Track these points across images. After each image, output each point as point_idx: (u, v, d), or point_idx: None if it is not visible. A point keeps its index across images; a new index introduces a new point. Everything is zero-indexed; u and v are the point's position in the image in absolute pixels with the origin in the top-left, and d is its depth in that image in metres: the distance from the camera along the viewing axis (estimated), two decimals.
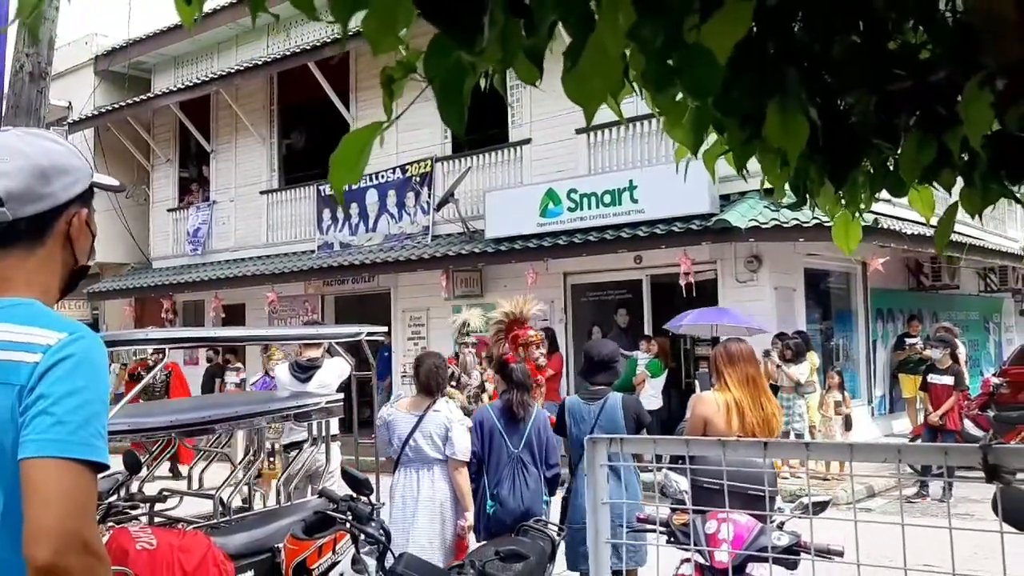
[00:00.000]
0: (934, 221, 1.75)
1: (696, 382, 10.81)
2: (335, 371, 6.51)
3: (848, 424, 10.54)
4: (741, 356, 4.27)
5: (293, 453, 6.13)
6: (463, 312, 9.04)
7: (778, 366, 9.74)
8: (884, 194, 1.59)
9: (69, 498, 1.27)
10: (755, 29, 0.96)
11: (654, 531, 3.33)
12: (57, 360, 1.33)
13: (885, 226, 9.77)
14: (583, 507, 4.42)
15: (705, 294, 11.09)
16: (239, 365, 13.75)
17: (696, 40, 0.85)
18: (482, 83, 0.98)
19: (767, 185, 1.53)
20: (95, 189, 1.58)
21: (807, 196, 1.44)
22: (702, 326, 10.14)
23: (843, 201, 1.57)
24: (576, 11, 0.83)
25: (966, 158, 1.31)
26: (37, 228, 1.44)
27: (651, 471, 3.67)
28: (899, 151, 1.32)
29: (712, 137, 1.37)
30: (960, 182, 1.39)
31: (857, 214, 1.66)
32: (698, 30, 0.84)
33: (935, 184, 1.45)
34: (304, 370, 6.47)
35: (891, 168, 1.42)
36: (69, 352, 1.34)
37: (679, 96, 1.10)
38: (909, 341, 12.45)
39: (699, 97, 0.94)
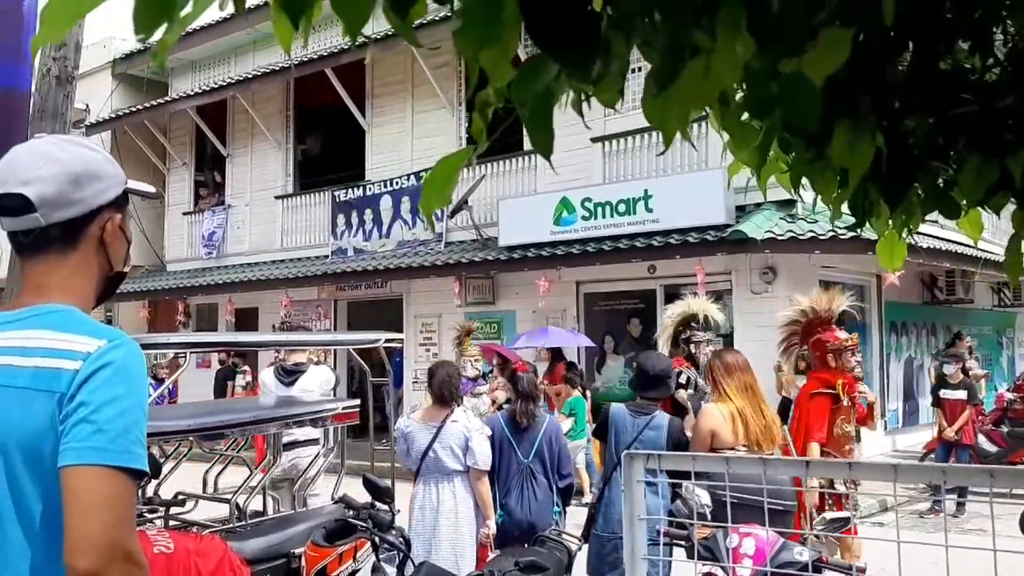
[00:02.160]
0: (982, 244, 1.74)
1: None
2: (318, 379, 6.65)
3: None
4: (737, 365, 4.34)
5: (284, 454, 6.16)
6: (686, 302, 7.30)
7: (792, 380, 9.68)
8: None
9: (111, 506, 1.27)
10: None
11: (677, 545, 3.32)
12: (97, 368, 1.33)
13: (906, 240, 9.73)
14: (615, 518, 4.43)
15: (719, 305, 11.05)
16: (246, 368, 13.81)
17: (796, 68, 0.86)
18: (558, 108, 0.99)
19: (819, 204, 1.53)
20: (130, 196, 1.59)
21: (864, 217, 1.44)
22: (535, 343, 10.79)
23: (890, 222, 1.57)
24: (669, 37, 0.84)
25: (1021, 181, 1.31)
26: (70, 233, 1.45)
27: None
28: (957, 173, 1.32)
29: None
30: (1008, 205, 1.39)
31: (905, 233, 1.66)
32: (798, 59, 0.85)
33: (985, 207, 1.45)
34: (289, 374, 6.58)
35: (943, 190, 1.43)
36: (109, 359, 1.34)
37: (744, 116, 1.11)
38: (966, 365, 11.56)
39: (801, 124, 0.94)
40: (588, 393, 10.23)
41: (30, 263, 1.46)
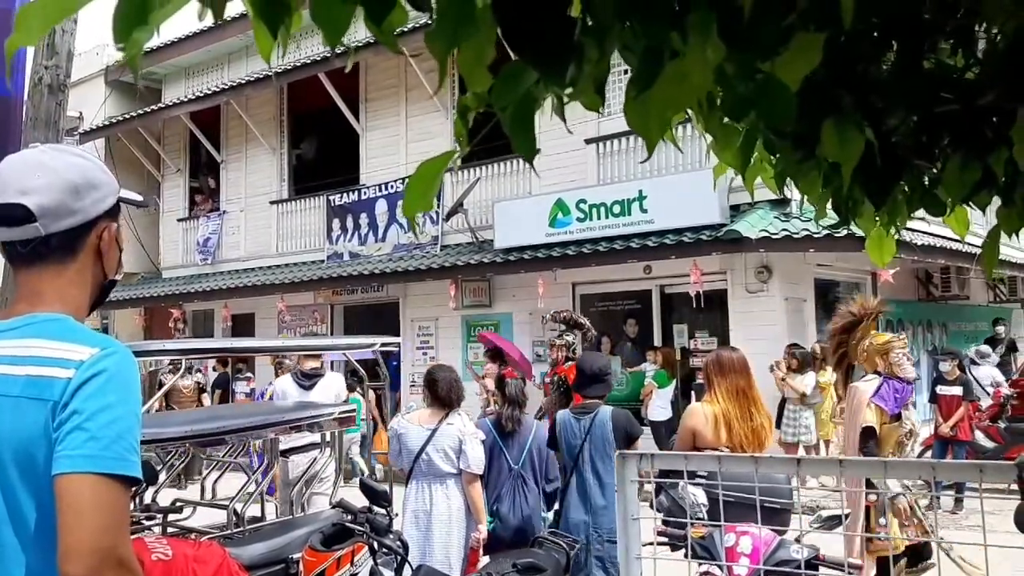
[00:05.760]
0: (965, 238, 1.76)
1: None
2: (336, 385, 6.72)
3: None
4: (732, 367, 4.32)
5: (292, 458, 6.18)
6: None
7: (783, 378, 9.69)
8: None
9: (104, 513, 1.27)
10: None
11: (673, 545, 3.33)
12: (90, 376, 1.34)
13: (895, 237, 9.76)
14: (571, 522, 4.45)
15: (715, 304, 11.09)
16: (250, 374, 13.82)
17: (770, 71, 0.87)
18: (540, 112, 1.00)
19: (807, 204, 1.54)
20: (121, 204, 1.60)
21: (848, 216, 1.46)
22: None
23: (878, 220, 1.59)
24: (645, 42, 0.85)
25: (1004, 179, 1.33)
26: (69, 243, 1.46)
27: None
28: (941, 172, 1.33)
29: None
30: (995, 201, 1.41)
31: (893, 230, 1.68)
32: (771, 62, 0.86)
33: (970, 204, 1.46)
34: (308, 378, 6.65)
35: (927, 188, 1.44)
36: (102, 367, 1.35)
37: (726, 119, 1.12)
38: None
39: (776, 126, 0.95)
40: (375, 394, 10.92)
41: (25, 272, 1.46)
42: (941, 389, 9.62)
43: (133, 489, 4.53)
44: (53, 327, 1.40)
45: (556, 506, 4.79)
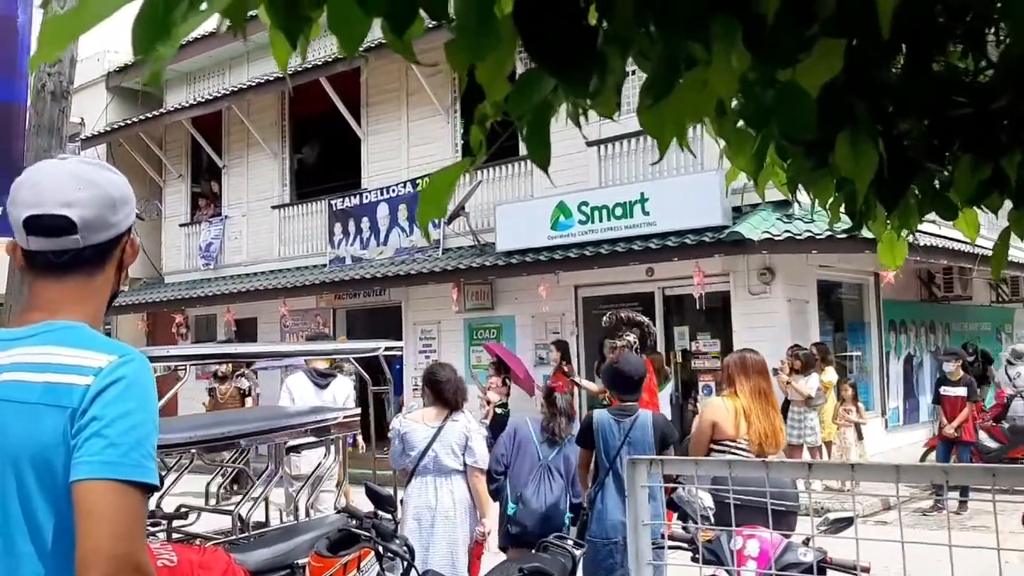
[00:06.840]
0: (977, 241, 1.75)
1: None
2: (346, 387, 6.74)
3: (860, 435, 10.52)
4: (755, 368, 4.38)
5: (304, 453, 6.17)
6: None
7: (787, 382, 9.66)
8: None
9: (122, 520, 1.28)
10: None
11: (681, 548, 3.33)
12: (109, 383, 1.35)
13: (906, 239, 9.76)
14: (608, 522, 4.44)
15: (717, 306, 11.09)
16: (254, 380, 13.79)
17: (790, 79, 0.87)
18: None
19: (811, 205, 1.54)
20: None
21: (861, 220, 1.45)
22: None
23: (888, 224, 1.58)
24: (664, 49, 0.85)
25: (1016, 181, 1.32)
26: (100, 255, 1.48)
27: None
28: (952, 175, 1.33)
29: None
30: (1007, 204, 1.41)
31: (905, 233, 1.67)
32: (792, 69, 0.86)
33: (982, 207, 1.46)
34: (323, 377, 6.68)
35: (939, 191, 1.44)
36: (120, 375, 1.36)
37: (740, 124, 1.12)
38: None
39: (796, 134, 0.95)
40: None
41: (47, 281, 1.47)
42: (945, 390, 9.61)
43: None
44: (70, 334, 1.41)
45: (585, 506, 4.77)
